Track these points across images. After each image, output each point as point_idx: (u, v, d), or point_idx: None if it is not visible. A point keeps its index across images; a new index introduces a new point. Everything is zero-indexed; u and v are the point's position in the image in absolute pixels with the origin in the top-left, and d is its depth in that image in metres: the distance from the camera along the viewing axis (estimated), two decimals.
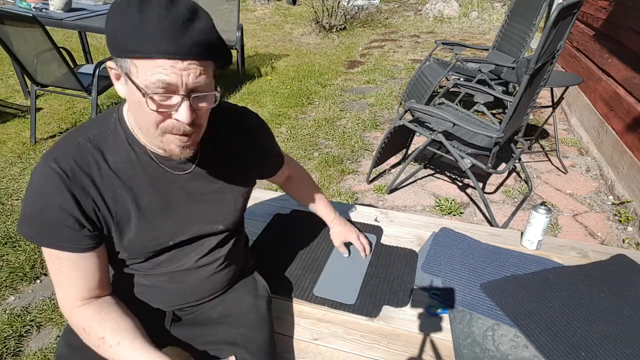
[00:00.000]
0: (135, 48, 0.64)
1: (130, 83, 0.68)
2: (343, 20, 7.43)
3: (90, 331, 0.78)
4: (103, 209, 0.77)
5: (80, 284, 0.79)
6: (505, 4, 7.97)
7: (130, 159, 0.79)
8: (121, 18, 0.64)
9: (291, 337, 1.05)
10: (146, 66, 0.65)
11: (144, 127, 0.74)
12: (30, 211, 0.75)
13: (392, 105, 3.93)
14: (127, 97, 0.72)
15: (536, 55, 1.80)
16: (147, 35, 0.63)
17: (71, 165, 0.74)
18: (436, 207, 2.46)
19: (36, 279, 1.89)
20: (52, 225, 0.74)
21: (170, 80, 0.66)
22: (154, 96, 0.67)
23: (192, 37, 0.65)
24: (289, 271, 1.24)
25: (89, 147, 0.76)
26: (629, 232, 2.27)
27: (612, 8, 3.29)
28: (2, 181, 2.56)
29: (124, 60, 0.67)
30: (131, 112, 0.77)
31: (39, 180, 0.74)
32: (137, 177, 0.80)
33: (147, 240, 0.84)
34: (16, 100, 3.76)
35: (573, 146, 3.22)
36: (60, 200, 0.73)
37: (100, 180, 0.77)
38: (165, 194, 0.84)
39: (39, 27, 2.47)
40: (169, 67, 0.65)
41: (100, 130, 0.78)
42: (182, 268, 0.91)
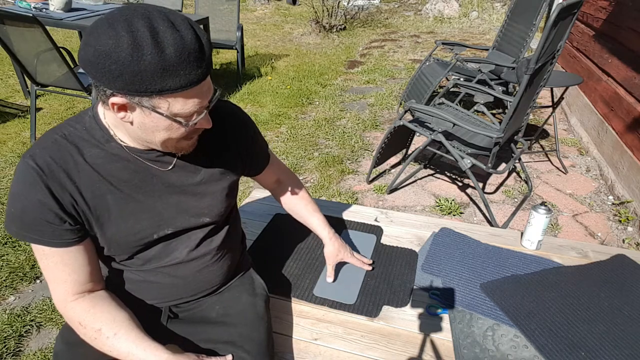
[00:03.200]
0: (167, 87, 0.65)
1: (156, 115, 0.69)
2: (343, 20, 7.43)
3: (86, 324, 0.79)
4: (81, 203, 0.78)
5: (69, 279, 0.80)
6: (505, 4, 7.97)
7: (107, 154, 0.80)
8: (140, 64, 0.62)
9: (291, 337, 1.05)
10: (179, 100, 0.68)
11: (157, 144, 0.77)
12: (13, 209, 0.76)
13: (392, 105, 3.93)
14: (141, 123, 0.72)
15: (536, 55, 1.80)
16: (175, 75, 0.65)
17: (47, 161, 0.75)
18: (436, 207, 2.46)
19: (36, 279, 1.89)
20: (33, 221, 0.75)
21: (202, 104, 0.72)
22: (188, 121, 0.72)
23: (206, 59, 0.69)
24: (289, 271, 1.24)
25: (65, 143, 0.77)
26: (629, 232, 2.27)
27: (612, 8, 3.29)
28: (2, 181, 2.56)
29: (149, 99, 0.67)
30: (140, 134, 0.75)
31: (18, 178, 0.75)
32: (116, 171, 0.81)
33: (129, 234, 0.84)
34: (16, 100, 3.76)
35: (573, 146, 3.22)
36: (38, 195, 0.74)
37: (77, 174, 0.77)
38: (145, 187, 0.84)
39: (39, 27, 2.47)
40: (199, 94, 0.70)
41: (75, 128, 0.79)
42: (174, 262, 0.91)
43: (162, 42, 0.63)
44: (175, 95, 0.67)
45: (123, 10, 0.65)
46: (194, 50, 0.65)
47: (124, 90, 0.65)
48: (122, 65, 0.62)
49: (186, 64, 0.65)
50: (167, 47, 0.63)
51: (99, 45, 0.62)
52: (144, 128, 0.73)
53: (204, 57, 0.67)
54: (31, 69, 2.79)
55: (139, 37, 0.62)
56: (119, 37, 0.61)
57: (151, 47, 0.62)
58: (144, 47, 0.62)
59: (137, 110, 0.70)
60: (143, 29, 0.62)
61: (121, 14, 0.64)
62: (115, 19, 0.63)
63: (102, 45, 0.62)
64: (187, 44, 0.64)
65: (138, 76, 0.63)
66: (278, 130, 3.46)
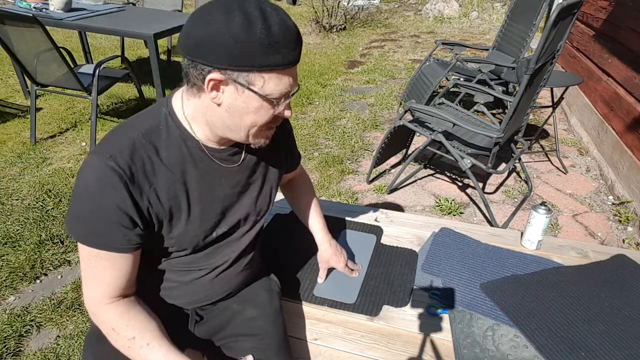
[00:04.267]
0: (267, 63, 0.68)
1: (248, 93, 0.71)
2: (343, 20, 7.43)
3: (119, 331, 0.78)
4: (157, 205, 0.78)
5: (112, 283, 0.79)
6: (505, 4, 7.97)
7: (183, 154, 0.80)
8: (246, 34, 0.66)
9: (291, 337, 1.05)
10: (274, 78, 0.71)
11: (240, 129, 0.77)
12: (83, 210, 0.74)
13: (392, 105, 3.93)
14: (230, 104, 0.73)
15: (536, 55, 1.80)
16: (277, 52, 0.68)
17: (128, 163, 0.73)
18: (436, 207, 2.46)
19: (36, 279, 1.89)
20: (106, 225, 0.74)
21: (291, 87, 0.75)
22: (279, 102, 0.74)
23: (301, 45, 0.73)
24: (289, 271, 1.24)
25: (143, 143, 0.76)
26: (629, 232, 2.27)
27: (612, 8, 3.29)
28: (2, 181, 2.56)
29: (247, 74, 0.69)
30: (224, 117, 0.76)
31: (94, 179, 0.72)
32: (189, 171, 0.82)
33: (194, 234, 0.85)
34: (16, 100, 3.76)
35: (573, 146, 3.22)
36: (118, 199, 0.72)
37: (155, 177, 0.77)
38: (213, 186, 0.86)
39: (39, 27, 2.47)
40: (292, 76, 0.74)
41: (151, 125, 0.78)
42: (216, 265, 0.93)
43: (269, 20, 0.67)
44: (272, 72, 0.70)
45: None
46: (294, 33, 0.71)
47: (226, 65, 0.68)
48: (233, 40, 0.66)
49: (288, 43, 0.69)
50: (274, 26, 0.67)
51: (213, 24, 0.66)
52: (233, 110, 0.74)
53: (300, 43, 0.73)
54: (31, 69, 2.79)
55: (251, 14, 0.66)
56: (233, 15, 0.66)
57: (261, 23, 0.66)
58: (254, 23, 0.66)
59: (230, 89, 0.71)
60: (254, 9, 0.67)
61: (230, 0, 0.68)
62: (229, 3, 0.68)
63: (217, 23, 0.66)
64: (289, 26, 0.70)
65: (245, 49, 0.66)
66: None
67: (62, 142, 3.07)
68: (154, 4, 4.43)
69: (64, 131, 3.24)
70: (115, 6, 3.68)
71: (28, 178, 2.60)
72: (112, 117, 3.48)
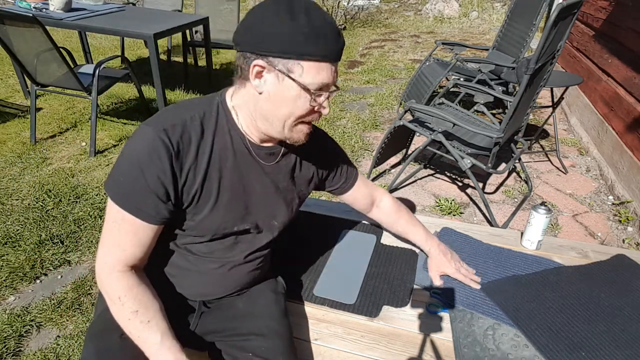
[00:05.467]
0: (307, 51, 0.74)
1: (288, 80, 0.76)
2: (343, 20, 7.43)
3: (125, 301, 0.80)
4: (192, 185, 0.82)
5: (129, 249, 0.81)
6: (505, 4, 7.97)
7: (226, 142, 0.85)
8: (291, 24, 0.73)
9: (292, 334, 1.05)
10: (313, 67, 0.76)
11: (277, 120, 0.81)
12: (126, 172, 0.78)
13: (392, 105, 3.93)
14: (271, 92, 0.78)
15: (536, 55, 1.80)
16: (317, 41, 0.74)
17: (178, 140, 0.78)
18: (436, 207, 2.46)
19: (36, 278, 1.89)
20: (142, 190, 0.77)
21: (330, 81, 0.79)
22: (316, 94, 0.78)
23: (342, 42, 0.79)
24: (289, 271, 1.24)
25: (195, 126, 0.81)
26: (629, 232, 2.27)
27: (612, 8, 3.29)
28: (2, 181, 2.56)
29: (287, 61, 0.75)
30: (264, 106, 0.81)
31: (144, 146, 0.77)
32: (228, 160, 0.86)
33: (216, 222, 0.88)
34: (16, 100, 3.76)
35: (573, 146, 3.22)
36: (160, 170, 0.77)
37: (198, 159, 0.82)
38: (245, 180, 0.89)
39: (39, 27, 2.47)
40: (330, 69, 0.78)
41: (204, 110, 0.84)
42: (232, 260, 0.94)
43: (312, 14, 0.74)
44: (311, 61, 0.75)
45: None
46: (335, 30, 0.76)
47: (268, 52, 0.74)
48: (276, 26, 0.73)
49: (328, 37, 0.75)
50: (316, 19, 0.74)
51: (260, 13, 0.75)
52: (272, 99, 0.79)
53: (341, 40, 0.78)
54: (31, 69, 2.79)
55: (296, 7, 0.73)
56: (280, 7, 0.73)
57: (304, 15, 0.73)
58: (298, 14, 0.73)
59: (272, 76, 0.77)
60: (299, 4, 0.74)
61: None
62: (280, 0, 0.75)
63: (264, 12, 0.74)
64: (331, 23, 0.76)
65: (286, 37, 0.73)
66: None
67: (62, 142, 3.07)
68: (154, 4, 4.43)
69: (64, 131, 3.24)
70: (115, 6, 3.68)
71: (28, 178, 2.60)
72: (112, 117, 3.48)
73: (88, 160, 2.84)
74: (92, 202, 2.38)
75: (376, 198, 1.25)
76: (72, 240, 2.10)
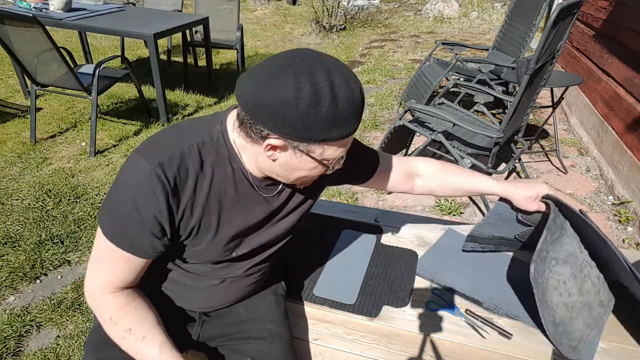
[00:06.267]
0: (331, 137, 0.69)
1: (306, 158, 0.72)
2: (343, 20, 7.43)
3: (117, 321, 0.78)
4: (189, 219, 0.78)
5: (120, 276, 0.79)
6: (505, 4, 7.97)
7: (226, 174, 0.80)
8: (315, 114, 0.65)
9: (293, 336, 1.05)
10: (333, 147, 0.72)
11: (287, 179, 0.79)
12: (119, 208, 0.73)
13: (392, 105, 3.93)
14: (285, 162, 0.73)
15: (536, 55, 1.80)
16: (340, 126, 0.68)
17: (175, 174, 0.73)
18: (436, 207, 2.46)
19: (36, 279, 1.89)
20: (137, 229, 0.73)
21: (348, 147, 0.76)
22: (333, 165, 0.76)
23: (362, 110, 0.72)
24: (289, 271, 1.24)
25: (194, 157, 0.75)
26: (629, 232, 2.27)
27: (612, 8, 3.29)
28: (2, 181, 2.56)
29: (307, 144, 0.69)
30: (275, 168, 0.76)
31: (139, 182, 0.71)
32: (228, 192, 0.81)
33: (216, 252, 0.85)
34: (16, 100, 3.76)
35: (573, 146, 3.22)
36: (156, 209, 0.72)
37: (196, 193, 0.77)
38: (247, 212, 0.85)
39: (39, 27, 2.47)
40: (348, 142, 0.75)
41: (204, 140, 0.78)
42: (233, 275, 0.93)
43: (337, 95, 0.66)
44: (333, 143, 0.71)
45: (304, 62, 0.66)
46: (359, 105, 0.70)
47: (289, 136, 0.68)
48: (300, 115, 0.65)
49: (351, 117, 0.69)
50: (341, 101, 0.66)
51: (279, 93, 0.64)
52: (286, 166, 0.75)
53: (363, 108, 0.72)
54: (31, 69, 2.79)
55: (320, 91, 0.64)
56: (301, 89, 0.64)
57: (329, 100, 0.65)
58: (322, 101, 0.65)
59: (289, 152, 0.71)
60: (323, 82, 0.65)
61: (302, 66, 0.65)
62: (298, 71, 0.65)
63: (283, 94, 0.64)
64: (356, 98, 0.69)
65: (310, 126, 0.66)
66: None
67: (62, 142, 3.07)
68: (154, 4, 4.43)
69: (64, 131, 3.24)
70: (115, 6, 3.68)
71: (28, 178, 2.60)
72: (112, 117, 3.48)
73: (88, 160, 2.84)
74: (92, 202, 2.38)
75: (411, 169, 1.13)
76: (72, 240, 2.10)
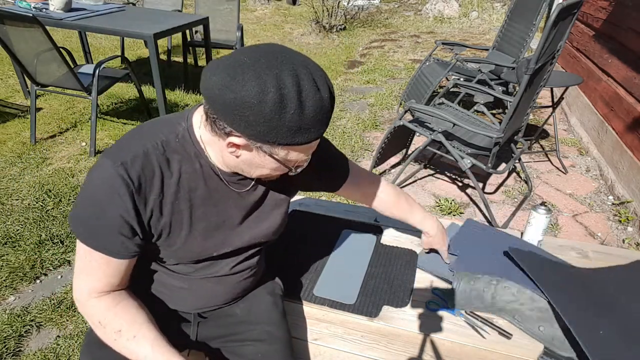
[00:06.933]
0: (295, 142, 0.67)
1: (269, 157, 0.71)
2: (343, 20, 7.43)
3: (106, 324, 0.78)
4: (158, 218, 0.78)
5: (104, 279, 0.79)
6: (505, 4, 7.97)
7: (195, 170, 0.79)
8: (278, 119, 0.63)
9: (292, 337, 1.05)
10: (298, 150, 0.71)
11: (251, 174, 0.79)
12: (87, 211, 0.74)
13: (392, 105, 3.93)
14: (248, 160, 0.73)
15: (536, 56, 1.80)
16: (306, 132, 0.67)
17: (138, 173, 0.72)
18: (436, 207, 2.46)
19: (36, 279, 1.89)
20: (106, 230, 0.74)
21: (313, 151, 0.76)
22: (296, 167, 0.76)
23: (331, 115, 0.71)
24: (289, 271, 1.24)
25: (157, 155, 0.75)
26: (629, 232, 2.27)
27: (612, 8, 3.29)
28: (2, 181, 2.56)
29: (269, 146, 0.68)
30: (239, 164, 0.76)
31: (103, 184, 0.72)
32: (198, 189, 0.80)
33: (193, 251, 0.84)
34: (16, 100, 3.76)
35: (573, 146, 3.22)
36: (122, 209, 0.72)
37: (162, 191, 0.76)
38: (220, 208, 0.84)
39: (39, 27, 2.47)
40: (313, 146, 0.73)
41: (169, 137, 0.77)
42: (218, 274, 0.92)
43: (304, 102, 0.64)
44: (298, 148, 0.70)
45: (272, 61, 0.63)
46: (327, 111, 0.68)
47: (252, 137, 0.67)
48: (262, 118, 0.63)
49: (318, 123, 0.67)
50: (307, 108, 0.64)
51: (243, 93, 0.62)
52: (249, 163, 0.74)
53: (332, 113, 0.70)
54: (31, 69, 2.79)
55: (286, 95, 0.62)
56: (266, 92, 0.61)
57: (295, 106, 0.63)
58: (287, 106, 0.63)
59: (253, 152, 0.71)
60: (290, 86, 0.62)
61: (270, 66, 0.63)
62: (264, 71, 0.62)
63: (247, 94, 0.62)
64: (324, 104, 0.67)
65: (274, 130, 0.65)
66: None
67: (62, 142, 3.07)
68: (154, 4, 4.43)
69: (64, 131, 3.24)
70: (115, 6, 3.68)
71: (28, 178, 2.60)
72: (112, 117, 3.48)
73: (88, 160, 2.84)
74: None
75: (374, 188, 1.18)
76: (72, 240, 2.09)
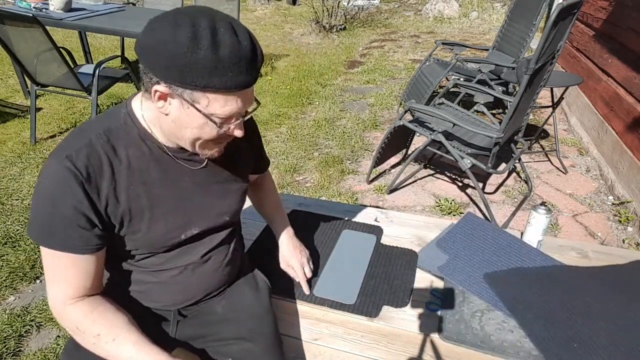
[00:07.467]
0: (212, 84, 0.67)
1: (193, 110, 0.70)
2: (343, 20, 7.43)
3: (84, 329, 0.78)
4: (116, 206, 0.77)
5: (75, 283, 0.78)
6: (505, 4, 7.97)
7: (143, 153, 0.79)
8: (193, 56, 0.64)
9: (291, 337, 1.05)
10: (220, 99, 0.69)
11: (186, 141, 0.76)
12: (40, 212, 0.74)
13: (392, 105, 3.93)
14: (176, 117, 0.72)
15: (536, 56, 1.80)
16: (224, 74, 0.66)
17: (85, 163, 0.72)
18: (436, 207, 2.46)
19: (36, 278, 1.89)
20: (63, 226, 0.73)
21: (240, 110, 0.73)
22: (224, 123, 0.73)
23: (257, 67, 0.71)
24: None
25: (102, 143, 0.75)
26: (629, 232, 2.27)
27: (612, 8, 3.29)
28: (2, 181, 2.56)
29: (192, 92, 0.68)
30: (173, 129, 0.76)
31: (51, 180, 0.72)
32: (150, 170, 0.80)
33: (159, 235, 0.84)
34: (16, 100, 3.76)
35: (573, 146, 3.22)
36: (74, 200, 0.72)
37: (114, 178, 0.76)
38: (176, 186, 0.84)
39: (39, 27, 2.47)
40: (239, 99, 0.71)
41: (110, 126, 0.77)
42: (190, 262, 0.91)
43: (219, 41, 0.64)
44: (217, 93, 0.68)
45: (190, 8, 0.67)
46: (247, 57, 0.67)
47: (170, 80, 0.67)
48: (176, 54, 0.64)
49: (236, 67, 0.67)
50: (223, 48, 0.65)
51: (159, 33, 0.65)
52: (178, 122, 0.73)
53: (255, 66, 0.70)
54: (31, 69, 2.79)
55: (199, 32, 0.64)
56: (179, 29, 0.64)
57: (208, 43, 0.64)
58: (200, 42, 0.63)
59: (176, 101, 0.70)
60: (204, 26, 0.64)
61: (187, 11, 0.66)
62: (181, 14, 0.65)
63: (162, 33, 0.64)
64: (242, 49, 0.67)
65: (187, 68, 0.65)
66: (278, 130, 3.46)
67: None
68: (154, 4, 4.43)
69: (64, 131, 3.24)
70: (115, 6, 3.68)
71: (28, 178, 2.60)
72: None
73: None
74: None
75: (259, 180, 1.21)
76: None
